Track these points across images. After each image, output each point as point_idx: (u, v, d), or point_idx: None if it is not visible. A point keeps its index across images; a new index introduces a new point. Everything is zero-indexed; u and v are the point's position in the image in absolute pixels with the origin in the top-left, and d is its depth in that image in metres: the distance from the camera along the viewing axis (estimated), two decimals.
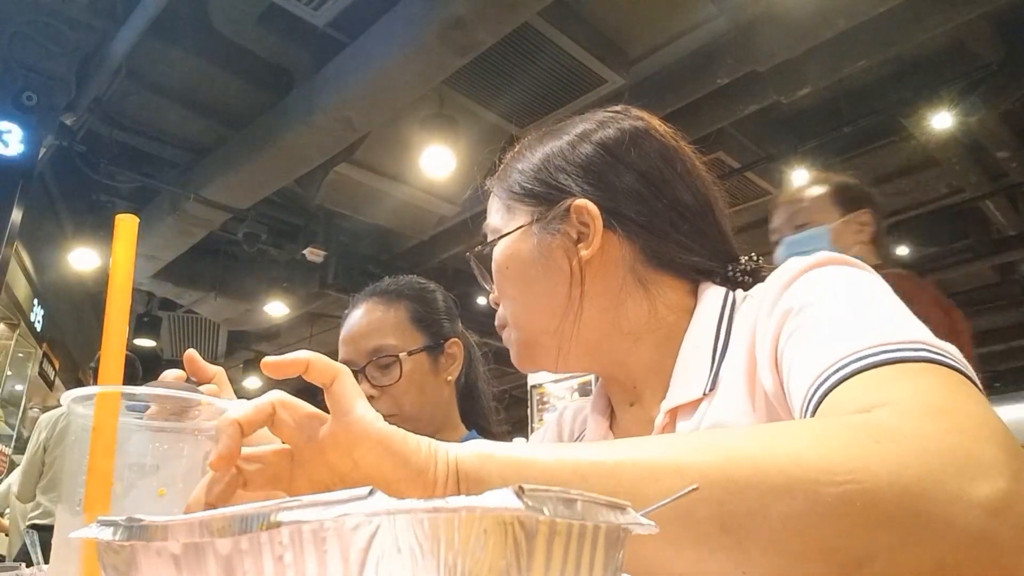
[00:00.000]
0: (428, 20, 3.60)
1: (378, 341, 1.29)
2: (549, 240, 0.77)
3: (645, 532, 0.29)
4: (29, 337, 6.23)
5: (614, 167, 0.78)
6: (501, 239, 0.81)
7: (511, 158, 0.86)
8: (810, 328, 0.59)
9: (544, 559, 0.24)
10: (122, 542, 0.26)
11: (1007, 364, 7.88)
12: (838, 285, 0.62)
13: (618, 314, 0.76)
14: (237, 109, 4.89)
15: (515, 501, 0.22)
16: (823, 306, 0.60)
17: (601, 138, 0.80)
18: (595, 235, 0.75)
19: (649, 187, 0.78)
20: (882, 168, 5.37)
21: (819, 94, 4.40)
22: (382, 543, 0.22)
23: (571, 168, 0.79)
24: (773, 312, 0.64)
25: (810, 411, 0.53)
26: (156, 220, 5.54)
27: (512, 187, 0.82)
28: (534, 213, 0.79)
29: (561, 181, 0.78)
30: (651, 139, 0.80)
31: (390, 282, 1.40)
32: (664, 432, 0.71)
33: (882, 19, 3.69)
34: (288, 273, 6.64)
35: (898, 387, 0.49)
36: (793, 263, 0.67)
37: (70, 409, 0.52)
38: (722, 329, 0.71)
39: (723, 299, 0.74)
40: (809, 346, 0.57)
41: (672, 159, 0.80)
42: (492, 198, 0.86)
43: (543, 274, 0.77)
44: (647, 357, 0.76)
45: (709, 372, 0.69)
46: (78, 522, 0.50)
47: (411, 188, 5.42)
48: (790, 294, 0.64)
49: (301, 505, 0.23)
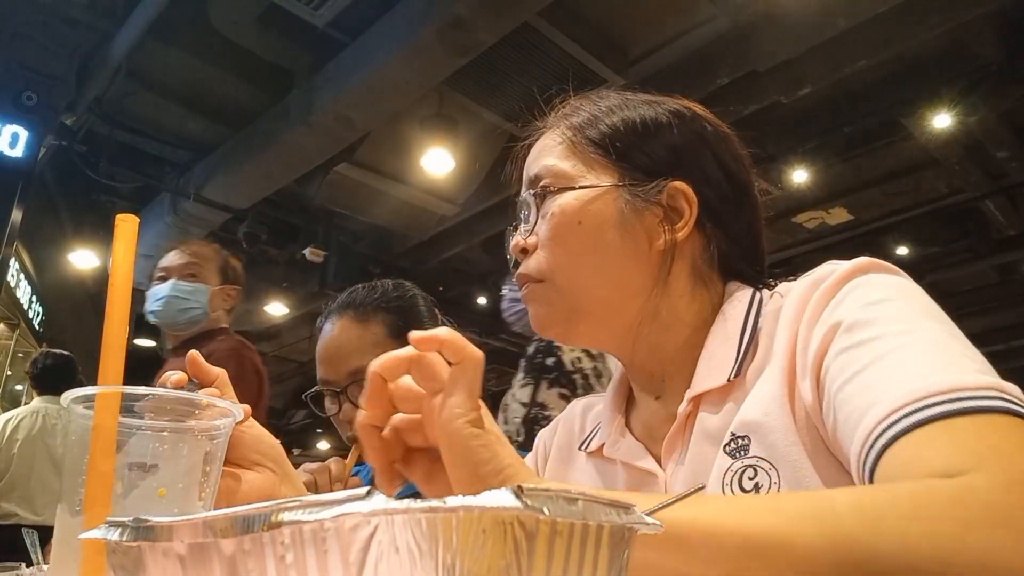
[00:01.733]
0: (428, 20, 3.61)
1: (358, 362, 1.22)
2: (640, 211, 0.73)
3: (650, 532, 0.28)
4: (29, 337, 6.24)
5: (710, 161, 0.77)
6: (580, 189, 0.75)
7: (592, 106, 0.80)
8: (868, 357, 0.57)
9: (545, 559, 0.24)
10: (129, 543, 0.26)
11: (1007, 364, 7.88)
12: (890, 302, 0.60)
13: (667, 304, 0.74)
14: (237, 109, 4.89)
15: (514, 501, 0.22)
16: (879, 328, 0.58)
17: (699, 128, 0.78)
18: (689, 222, 0.73)
19: (734, 189, 0.77)
20: (882, 168, 5.37)
21: (819, 94, 4.40)
22: (381, 543, 0.22)
23: (674, 145, 0.76)
24: (819, 322, 0.63)
25: (874, 453, 0.52)
26: (156, 220, 5.54)
27: (597, 139, 0.76)
28: (624, 176, 0.75)
29: (661, 155, 0.75)
30: (732, 142, 0.80)
31: (364, 294, 1.31)
32: (688, 421, 0.70)
33: (882, 19, 3.69)
34: (288, 273, 6.64)
35: (984, 448, 0.48)
36: (830, 267, 0.66)
37: (70, 409, 0.52)
38: (748, 324, 0.71)
39: (751, 297, 0.74)
40: (871, 379, 0.55)
41: (747, 164, 0.80)
42: (550, 136, 0.80)
43: (621, 244, 0.73)
44: (679, 349, 0.75)
45: (734, 362, 0.68)
46: (78, 522, 0.50)
47: (411, 188, 5.42)
48: (837, 304, 0.63)
49: (301, 505, 0.23)
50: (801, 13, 3.70)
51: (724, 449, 0.66)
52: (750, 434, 0.65)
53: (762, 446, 0.63)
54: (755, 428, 0.64)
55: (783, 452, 0.62)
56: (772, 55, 3.95)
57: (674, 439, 0.71)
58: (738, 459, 0.65)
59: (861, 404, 0.55)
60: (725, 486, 0.64)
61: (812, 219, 5.97)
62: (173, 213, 5.35)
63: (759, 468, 0.63)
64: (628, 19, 4.11)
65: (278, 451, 0.76)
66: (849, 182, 5.47)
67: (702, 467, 0.67)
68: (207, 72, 4.60)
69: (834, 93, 4.55)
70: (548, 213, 0.75)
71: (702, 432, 0.69)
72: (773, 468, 0.62)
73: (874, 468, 0.52)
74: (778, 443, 0.62)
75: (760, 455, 0.63)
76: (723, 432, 0.67)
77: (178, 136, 5.27)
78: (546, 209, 0.75)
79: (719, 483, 0.65)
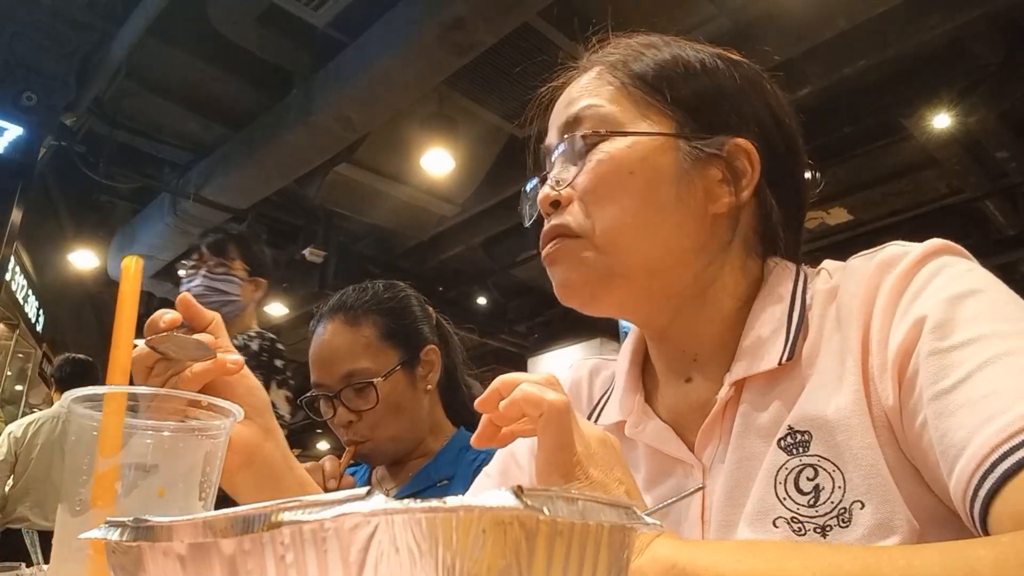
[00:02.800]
0: (428, 20, 3.61)
1: (350, 366, 1.22)
2: (700, 167, 0.66)
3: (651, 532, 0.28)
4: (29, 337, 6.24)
5: (765, 112, 0.70)
6: (633, 136, 0.66)
7: (635, 44, 0.73)
8: (969, 364, 0.51)
9: (545, 558, 0.24)
10: (129, 543, 0.26)
11: None
12: (977, 297, 0.55)
13: (718, 275, 0.68)
14: (237, 109, 4.89)
15: (513, 501, 0.22)
16: (973, 328, 0.53)
17: (751, 75, 0.71)
18: (751, 184, 0.66)
19: (787, 145, 0.71)
20: (882, 168, 5.37)
21: (819, 94, 4.40)
22: (380, 543, 0.22)
23: (729, 92, 0.69)
24: (897, 314, 0.57)
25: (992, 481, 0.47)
26: (156, 220, 5.54)
27: (647, 76, 0.68)
28: (683, 126, 0.67)
29: (719, 103, 0.68)
30: (789, 109, 0.73)
31: (354, 296, 1.30)
32: (728, 407, 0.65)
33: (882, 19, 3.69)
34: (288, 273, 6.64)
35: None
36: (899, 249, 0.61)
37: (70, 409, 0.52)
38: (797, 303, 0.64)
39: (795, 273, 0.67)
40: (976, 392, 0.50)
41: (799, 132, 0.73)
42: (590, 76, 0.72)
43: (676, 202, 0.65)
44: (719, 327, 0.68)
45: (785, 344, 0.62)
46: (78, 522, 0.50)
47: (411, 188, 5.42)
48: (916, 294, 0.57)
49: (301, 505, 0.23)
50: (801, 13, 3.70)
51: (778, 443, 0.60)
52: (812, 430, 0.59)
53: (827, 445, 0.58)
54: (820, 424, 0.58)
55: (856, 455, 0.56)
56: (772, 55, 3.94)
57: (711, 428, 0.65)
58: (795, 456, 0.59)
59: (969, 421, 0.49)
60: (778, 484, 0.59)
61: (812, 219, 5.94)
62: (173, 213, 5.35)
63: (820, 468, 0.58)
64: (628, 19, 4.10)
65: (266, 405, 0.74)
66: (849, 182, 5.47)
67: (749, 461, 0.62)
68: (207, 72, 4.60)
69: (834, 93, 4.55)
70: (593, 161, 0.66)
71: (748, 422, 0.63)
72: (838, 470, 0.57)
73: (992, 495, 0.47)
74: (850, 444, 0.57)
75: (823, 454, 0.58)
76: (776, 424, 0.61)
77: (178, 136, 5.27)
78: (591, 156, 0.66)
79: (770, 481, 0.60)
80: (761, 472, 0.60)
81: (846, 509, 0.56)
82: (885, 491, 0.55)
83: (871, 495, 0.55)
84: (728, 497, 0.62)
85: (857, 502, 0.56)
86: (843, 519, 0.56)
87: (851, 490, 0.56)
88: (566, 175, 0.68)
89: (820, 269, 0.68)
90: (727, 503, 0.62)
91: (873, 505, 0.55)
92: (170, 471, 0.53)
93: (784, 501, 0.59)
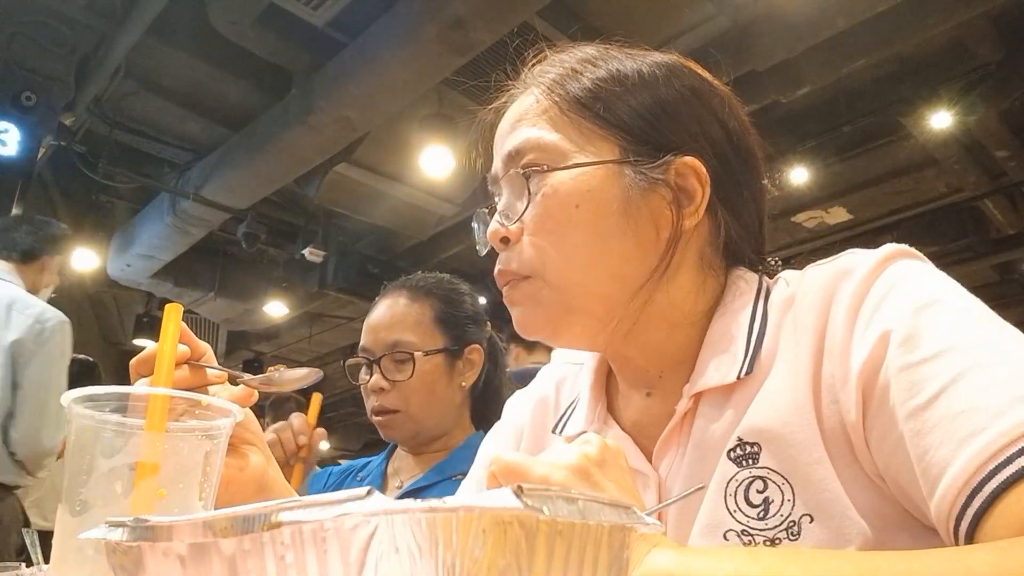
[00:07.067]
0: (427, 20, 3.60)
1: (397, 335, 1.29)
2: (647, 192, 0.64)
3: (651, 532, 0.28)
4: None
5: (713, 125, 0.67)
6: (576, 167, 0.64)
7: (569, 59, 0.69)
8: (942, 378, 0.51)
9: (546, 558, 0.24)
10: (129, 543, 0.26)
11: None
12: (940, 305, 0.55)
13: (669, 298, 0.66)
14: (237, 109, 4.88)
15: (513, 500, 0.22)
16: (942, 339, 0.52)
17: (696, 85, 0.68)
18: (701, 205, 0.65)
19: (739, 157, 0.68)
20: (882, 167, 5.37)
21: (819, 94, 4.40)
22: (381, 543, 0.22)
23: (680, 115, 0.66)
24: (857, 326, 0.56)
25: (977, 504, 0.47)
26: (155, 220, 5.54)
27: (583, 97, 0.65)
28: (627, 150, 0.64)
29: (666, 125, 0.65)
30: (733, 101, 0.70)
31: (422, 277, 1.40)
32: (685, 419, 0.64)
33: (882, 19, 3.69)
34: (288, 273, 6.64)
35: None
36: (853, 257, 0.60)
37: (70, 409, 0.52)
38: (757, 316, 0.64)
39: (756, 284, 0.67)
40: (955, 407, 0.50)
41: (749, 127, 0.71)
42: (528, 100, 0.68)
43: (624, 231, 0.63)
44: (679, 344, 0.67)
45: (744, 357, 0.61)
46: (78, 522, 0.50)
47: (410, 188, 5.42)
48: (877, 305, 0.56)
49: (301, 505, 0.23)
50: (800, 13, 3.70)
51: (728, 455, 0.60)
52: (761, 442, 0.59)
53: (776, 458, 0.58)
54: (769, 437, 0.58)
55: (803, 469, 0.56)
56: (772, 55, 3.94)
57: (670, 438, 0.65)
58: (744, 468, 0.59)
59: (949, 439, 0.49)
60: (728, 496, 0.59)
61: (811, 219, 5.96)
62: (172, 213, 5.35)
63: (769, 481, 0.57)
64: (628, 19, 4.10)
65: (260, 432, 0.77)
66: (848, 182, 5.47)
67: (702, 472, 0.62)
68: (206, 72, 4.59)
69: (833, 93, 4.55)
70: (539, 195, 0.64)
71: (703, 433, 0.63)
72: (787, 483, 0.57)
73: (982, 514, 0.47)
74: (797, 458, 0.57)
75: (771, 467, 0.58)
76: (727, 436, 0.60)
77: (177, 136, 5.26)
78: (536, 190, 0.64)
79: (721, 492, 0.59)
80: (713, 483, 0.60)
81: (795, 522, 0.56)
82: (835, 504, 0.55)
83: (820, 510, 0.55)
84: (682, 509, 0.62)
85: (806, 516, 0.56)
86: (792, 532, 0.56)
87: (800, 504, 0.56)
88: (514, 210, 0.67)
89: (778, 279, 0.67)
90: (681, 515, 0.62)
91: (822, 520, 0.55)
92: (170, 471, 0.53)
93: (734, 514, 0.59)
